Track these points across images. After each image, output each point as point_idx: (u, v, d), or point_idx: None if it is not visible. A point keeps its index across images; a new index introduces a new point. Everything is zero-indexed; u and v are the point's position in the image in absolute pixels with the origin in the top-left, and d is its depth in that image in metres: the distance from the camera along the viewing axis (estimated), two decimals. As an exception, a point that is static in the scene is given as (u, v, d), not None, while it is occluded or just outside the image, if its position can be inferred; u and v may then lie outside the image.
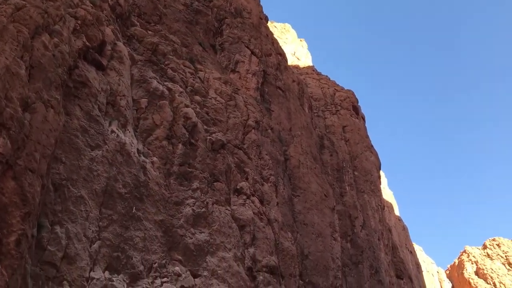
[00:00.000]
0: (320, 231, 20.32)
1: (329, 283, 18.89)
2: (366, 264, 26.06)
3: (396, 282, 33.84)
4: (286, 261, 14.43)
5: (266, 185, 15.02)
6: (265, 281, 11.79)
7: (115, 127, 8.70)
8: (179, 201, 9.72)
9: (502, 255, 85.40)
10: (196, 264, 9.32)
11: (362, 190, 31.02)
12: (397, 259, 36.33)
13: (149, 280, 7.94)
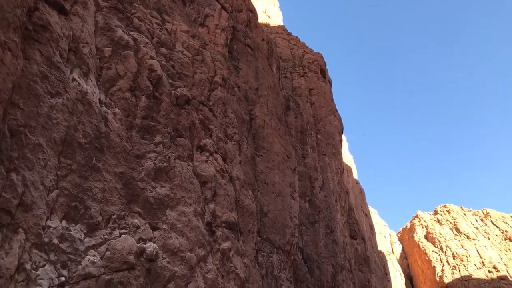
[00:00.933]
0: (280, 190, 20.73)
1: (286, 240, 19.47)
2: (322, 223, 26.91)
3: (350, 242, 35.18)
4: (245, 218, 14.72)
5: (230, 143, 15.06)
6: (224, 236, 12.02)
7: (76, 75, 8.42)
8: (140, 155, 9.64)
9: (451, 221, 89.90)
10: (156, 217, 9.37)
11: (324, 153, 31.59)
12: (352, 220, 37.64)
13: (107, 231, 7.95)
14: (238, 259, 12.59)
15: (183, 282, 9.31)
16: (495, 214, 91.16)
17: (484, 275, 70.03)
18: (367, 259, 43.05)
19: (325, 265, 27.05)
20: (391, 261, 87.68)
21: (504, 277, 68.32)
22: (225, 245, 11.89)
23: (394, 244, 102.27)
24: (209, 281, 10.43)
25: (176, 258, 9.39)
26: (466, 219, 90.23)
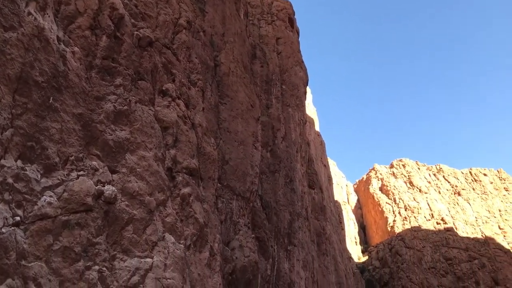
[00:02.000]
0: (242, 139, 20.85)
1: (246, 188, 19.80)
2: (282, 173, 27.43)
3: (308, 191, 36.15)
4: (206, 165, 14.80)
5: (193, 89, 14.87)
6: (184, 182, 12.10)
7: (32, 9, 7.96)
8: (100, 96, 9.39)
9: (406, 175, 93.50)
10: (115, 160, 9.28)
11: (288, 104, 31.74)
12: (312, 171, 38.53)
13: (64, 172, 7.84)
14: (197, 204, 12.76)
15: (141, 225, 9.40)
16: (447, 169, 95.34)
17: (433, 226, 74.03)
18: (324, 208, 44.59)
19: (283, 213, 27.85)
20: (346, 211, 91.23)
21: (450, 228, 72.45)
22: (185, 190, 11.99)
23: (350, 194, 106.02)
24: (168, 224, 10.58)
25: (135, 202, 9.43)
26: (420, 173, 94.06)
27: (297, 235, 31.68)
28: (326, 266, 43.42)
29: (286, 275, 28.94)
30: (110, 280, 8.31)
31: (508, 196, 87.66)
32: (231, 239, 19.22)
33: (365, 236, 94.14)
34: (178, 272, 10.69)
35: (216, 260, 14.39)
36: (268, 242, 25.29)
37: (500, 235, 73.03)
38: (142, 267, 9.23)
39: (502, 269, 64.53)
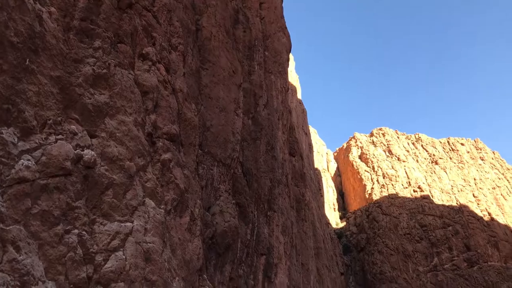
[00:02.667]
0: (224, 105, 20.76)
1: (227, 155, 19.87)
2: (263, 140, 27.53)
3: (288, 159, 36.44)
4: (187, 131, 14.75)
5: (174, 53, 14.64)
6: (165, 148, 12.07)
7: (5, -35, 7.64)
8: (78, 59, 9.18)
9: (385, 143, 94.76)
10: (94, 125, 9.18)
11: (270, 70, 31.54)
12: (293, 138, 38.74)
13: (42, 136, 7.73)
14: (178, 170, 12.78)
15: (121, 190, 9.41)
16: (425, 138, 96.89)
17: (409, 194, 75.72)
18: (303, 175, 45.13)
19: (264, 179, 28.12)
20: (325, 178, 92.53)
21: (426, 196, 74.25)
22: (165, 156, 11.98)
23: (330, 162, 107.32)
24: (148, 189, 10.60)
25: (114, 166, 9.39)
26: (399, 142, 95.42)
27: (277, 201, 32.11)
28: (304, 231, 44.32)
29: (266, 239, 29.48)
30: (90, 244, 8.35)
31: (484, 166, 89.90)
32: (211, 205, 19.40)
33: (343, 202, 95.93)
34: (159, 236, 10.80)
35: (197, 225, 14.55)
36: (248, 208, 25.61)
37: (474, 203, 75.26)
38: (122, 231, 9.30)
39: (474, 236, 66.84)
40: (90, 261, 8.46)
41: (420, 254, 64.56)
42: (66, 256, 7.74)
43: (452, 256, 65.26)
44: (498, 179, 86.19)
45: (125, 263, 9.65)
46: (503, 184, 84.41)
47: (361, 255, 67.56)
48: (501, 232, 69.11)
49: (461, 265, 64.47)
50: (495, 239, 67.36)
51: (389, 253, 63.19)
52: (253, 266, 27.64)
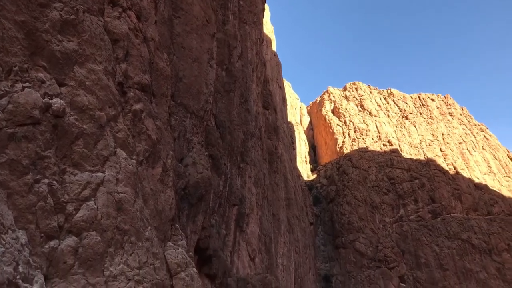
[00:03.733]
0: (197, 56, 20.39)
1: (200, 106, 19.74)
2: (237, 92, 27.38)
3: (262, 112, 36.50)
4: (159, 81, 14.52)
5: (145, 0, 14.14)
6: (136, 98, 11.89)
7: None
8: (44, 3, 8.78)
9: (357, 98, 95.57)
10: (63, 73, 8.92)
11: (245, 21, 30.91)
12: (267, 91, 38.65)
13: (8, 83, 7.49)
14: (150, 121, 12.67)
15: (92, 140, 9.31)
16: (397, 93, 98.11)
17: (379, 148, 77.37)
18: (277, 129, 45.44)
19: (237, 132, 28.20)
20: (298, 132, 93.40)
21: (395, 150, 76.02)
22: (137, 106, 11.82)
23: (303, 116, 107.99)
24: (119, 140, 10.52)
25: (85, 116, 9.24)
26: (371, 97, 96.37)
27: (250, 153, 32.38)
28: (276, 183, 45.12)
29: (238, 190, 29.94)
30: (60, 193, 8.33)
31: (452, 121, 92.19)
32: (184, 156, 19.43)
33: (315, 156, 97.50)
34: (130, 186, 10.84)
35: (169, 176, 14.62)
36: (221, 160, 25.78)
37: (441, 157, 77.68)
38: (94, 181, 9.28)
39: (439, 189, 69.41)
40: (61, 210, 8.47)
41: (387, 206, 66.90)
42: (37, 205, 7.72)
43: (418, 208, 67.89)
44: (465, 134, 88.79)
45: (97, 212, 9.69)
46: (469, 140, 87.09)
47: (330, 206, 69.54)
48: (464, 185, 71.97)
49: (425, 216, 67.24)
50: (459, 192, 70.21)
51: (357, 205, 65.23)
52: (225, 216, 28.18)
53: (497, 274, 61.91)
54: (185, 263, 15.47)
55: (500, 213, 70.91)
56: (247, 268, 33.27)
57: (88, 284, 10.14)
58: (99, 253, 10.20)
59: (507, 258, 63.62)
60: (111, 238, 10.52)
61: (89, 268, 9.97)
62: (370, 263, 58.68)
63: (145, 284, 12.28)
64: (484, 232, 65.74)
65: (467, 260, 62.28)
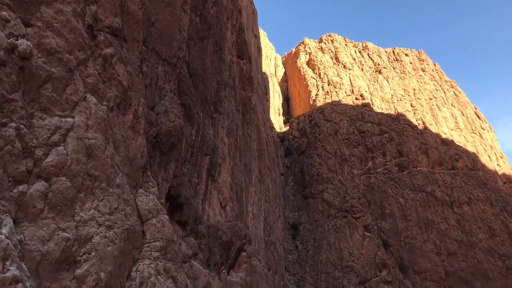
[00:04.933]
0: (170, 0, 19.75)
1: (173, 53, 19.33)
2: (211, 40, 26.84)
3: (236, 61, 36.02)
4: (130, 25, 14.08)
5: None
6: (106, 42, 11.55)
7: None
8: None
9: (333, 50, 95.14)
10: (29, 12, 8.54)
11: (221, -35, 29.89)
12: (242, 40, 37.99)
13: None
14: (121, 66, 12.39)
15: (61, 84, 9.08)
16: (372, 47, 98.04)
17: (352, 101, 78.07)
18: (251, 79, 45.10)
19: (210, 81, 27.89)
20: (272, 83, 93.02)
21: (367, 104, 76.92)
22: (107, 51, 11.50)
23: (278, 67, 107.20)
24: (89, 85, 10.29)
25: (53, 59, 8.95)
26: (346, 50, 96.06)
27: (223, 103, 32.22)
28: (249, 134, 45.34)
29: (211, 140, 30.00)
30: (29, 138, 8.20)
31: (424, 77, 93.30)
32: (156, 104, 19.19)
33: (288, 108, 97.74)
34: (101, 133, 10.72)
35: (140, 123, 14.49)
36: (194, 109, 25.60)
37: (410, 112, 79.15)
38: (63, 126, 9.13)
39: (407, 143, 71.18)
40: (30, 155, 8.36)
41: (356, 159, 68.43)
42: (4, 149, 7.59)
43: (385, 161, 69.73)
44: (436, 90, 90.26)
45: (67, 158, 9.60)
46: (439, 96, 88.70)
47: (301, 157, 70.66)
48: (432, 140, 73.97)
49: (392, 169, 69.24)
50: (426, 147, 72.24)
51: (327, 157, 66.46)
52: (197, 165, 28.33)
53: (457, 225, 65.12)
54: (156, 210, 15.65)
55: (464, 168, 73.67)
56: (218, 216, 33.91)
57: (58, 229, 10.19)
58: (69, 199, 10.19)
59: (467, 210, 66.72)
60: (81, 183, 10.49)
61: (59, 213, 9.98)
62: (337, 213, 60.61)
63: (116, 230, 12.42)
64: (447, 185, 68.41)
65: (430, 211, 65.05)
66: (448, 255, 62.36)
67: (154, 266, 15.17)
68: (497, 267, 62.38)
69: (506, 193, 74.98)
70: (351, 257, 55.81)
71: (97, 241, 11.20)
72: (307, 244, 60.71)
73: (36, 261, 8.84)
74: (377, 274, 56.73)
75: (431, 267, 60.49)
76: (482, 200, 69.09)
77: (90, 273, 10.70)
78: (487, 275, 61.29)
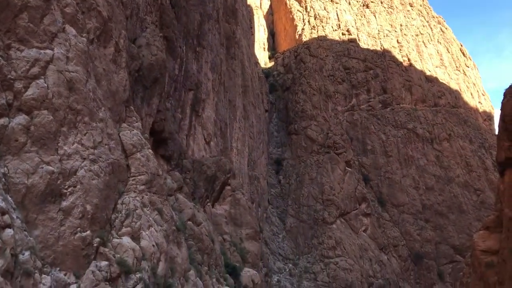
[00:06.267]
0: None
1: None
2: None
3: None
4: (109, -49, 13.40)
5: None
6: (84, -30, 11.04)
7: None
8: None
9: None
10: None
11: None
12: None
13: None
14: None
15: (37, 14, 8.76)
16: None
17: (338, 37, 76.92)
18: (235, 12, 43.87)
19: (193, 13, 27.10)
20: (257, 16, 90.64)
21: (353, 40, 75.92)
22: (85, -21, 11.01)
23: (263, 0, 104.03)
24: (68, 16, 9.95)
25: (27, -13, 8.57)
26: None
27: (207, 37, 31.53)
28: (233, 70, 44.79)
29: (194, 75, 29.65)
30: (7, 70, 8.02)
31: (412, 12, 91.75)
32: (137, 37, 18.70)
33: (273, 42, 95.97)
34: (82, 66, 10.51)
35: (122, 57, 14.20)
36: (176, 42, 25.03)
37: (396, 49, 78.54)
38: (42, 58, 8.93)
39: (392, 79, 71.29)
40: (9, 87, 8.22)
41: (340, 95, 68.56)
42: (-18, 81, 7.44)
43: (369, 98, 70.08)
44: (423, 26, 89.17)
45: (48, 91, 9.45)
46: (426, 32, 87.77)
47: (285, 94, 70.46)
48: (416, 77, 74.12)
49: (376, 106, 69.77)
50: (410, 84, 72.49)
51: (312, 93, 66.41)
52: (181, 100, 28.17)
53: (436, 161, 66.89)
54: (140, 144, 15.74)
55: (446, 105, 74.56)
56: (203, 151, 34.26)
57: (42, 162, 10.24)
58: (52, 132, 10.15)
59: (446, 147, 68.34)
60: (64, 117, 10.41)
61: (43, 147, 9.98)
62: (320, 149, 61.53)
63: (100, 163, 12.52)
64: (429, 122, 69.45)
65: (410, 148, 66.45)
66: (425, 190, 64.58)
67: (139, 199, 15.49)
68: (471, 201, 65.02)
69: (485, 130, 76.66)
70: (332, 191, 57.44)
71: (82, 175, 11.31)
72: (290, 178, 62.07)
73: (21, 194, 8.94)
74: (357, 207, 58.76)
75: (408, 201, 62.78)
76: (461, 136, 70.62)
77: (76, 205, 10.90)
78: (461, 208, 63.97)
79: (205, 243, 24.80)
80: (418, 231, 62.53)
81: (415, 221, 62.88)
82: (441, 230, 63.39)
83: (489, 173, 67.74)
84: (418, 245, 61.81)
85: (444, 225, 63.59)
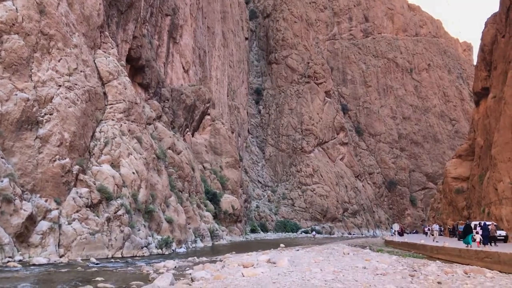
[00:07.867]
0: None
1: None
2: None
3: None
4: None
5: None
6: None
7: None
8: None
9: None
10: None
11: None
12: None
13: None
14: None
15: None
16: None
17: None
18: None
19: None
20: None
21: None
22: None
23: None
24: None
25: None
26: None
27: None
28: (212, -5, 43.22)
29: (171, 0, 28.55)
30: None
31: None
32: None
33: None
34: None
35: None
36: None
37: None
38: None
39: (374, 7, 70.05)
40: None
41: (322, 23, 67.34)
42: None
43: (351, 26, 69.11)
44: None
45: (17, 14, 9.06)
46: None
47: (266, 21, 68.76)
48: (399, 5, 72.88)
49: (357, 35, 68.98)
50: (392, 12, 71.41)
51: (293, 21, 64.93)
52: (157, 26, 27.28)
53: (414, 91, 67.68)
54: (117, 72, 15.44)
55: (427, 35, 74.17)
56: (181, 80, 33.76)
57: (16, 89, 10.04)
58: (24, 58, 9.87)
59: (425, 77, 68.88)
60: (36, 42, 10.07)
61: (15, 73, 9.75)
62: (300, 78, 61.33)
63: (76, 91, 12.34)
64: (409, 52, 69.36)
65: (389, 78, 66.79)
66: (402, 119, 65.83)
67: (118, 127, 15.46)
68: (446, 130, 66.79)
69: (464, 60, 77.14)
70: (311, 121, 58.05)
71: (58, 102, 11.18)
72: (270, 108, 62.26)
73: (-4, 121, 8.86)
74: (335, 136, 59.80)
75: (385, 130, 64.13)
76: (440, 67, 71.04)
77: (54, 133, 10.86)
78: (436, 137, 65.80)
79: (185, 171, 25.18)
80: (393, 159, 64.44)
81: (391, 150, 64.61)
82: (416, 159, 65.45)
83: (465, 103, 69.04)
84: (392, 172, 63.98)
85: (419, 153, 65.58)
